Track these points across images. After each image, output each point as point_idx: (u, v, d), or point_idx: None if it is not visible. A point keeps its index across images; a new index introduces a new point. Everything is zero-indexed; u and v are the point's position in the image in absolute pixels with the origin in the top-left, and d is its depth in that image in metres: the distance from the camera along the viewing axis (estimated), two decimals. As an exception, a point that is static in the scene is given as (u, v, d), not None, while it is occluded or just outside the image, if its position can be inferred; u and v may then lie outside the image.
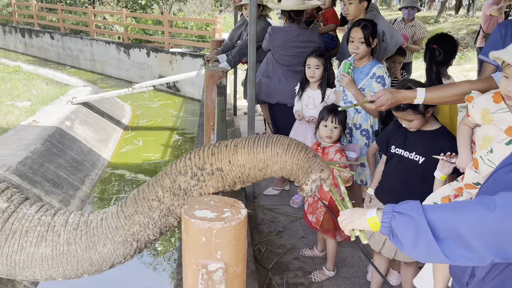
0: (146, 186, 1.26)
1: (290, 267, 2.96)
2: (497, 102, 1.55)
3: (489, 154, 1.54)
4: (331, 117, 2.67)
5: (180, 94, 11.53)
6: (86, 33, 14.89)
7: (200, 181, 1.23)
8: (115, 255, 1.22)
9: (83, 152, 7.00)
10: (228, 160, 1.23)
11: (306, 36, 3.70)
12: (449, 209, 1.03)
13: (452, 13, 19.40)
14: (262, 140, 1.24)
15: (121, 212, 1.24)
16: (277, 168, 1.25)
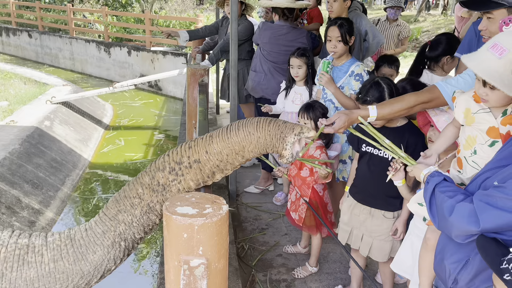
0: (127, 186, 1.28)
1: (273, 264, 2.98)
2: (478, 101, 1.55)
3: (473, 155, 1.55)
4: (301, 113, 2.73)
5: (162, 93, 11.44)
6: (65, 31, 14.62)
7: (178, 175, 1.25)
8: (106, 259, 1.22)
9: (63, 152, 6.89)
10: (204, 151, 1.25)
11: (295, 36, 3.73)
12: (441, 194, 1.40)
13: (430, 12, 19.75)
14: (233, 125, 1.28)
15: (104, 216, 1.25)
16: (253, 146, 1.27)
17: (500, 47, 1.36)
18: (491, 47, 1.38)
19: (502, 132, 1.48)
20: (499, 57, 1.35)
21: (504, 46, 1.35)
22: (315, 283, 2.79)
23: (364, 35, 3.68)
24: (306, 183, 2.73)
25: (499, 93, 1.41)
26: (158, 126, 9.22)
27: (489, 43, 1.42)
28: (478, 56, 1.43)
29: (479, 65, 1.40)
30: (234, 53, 3.25)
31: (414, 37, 13.61)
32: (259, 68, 3.85)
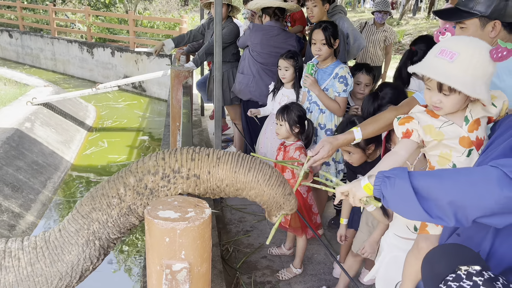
0: (106, 183, 1.23)
1: (258, 266, 2.98)
2: (435, 116, 1.53)
3: None
4: (278, 115, 2.75)
5: (146, 94, 11.35)
6: (46, 31, 14.39)
7: (170, 183, 1.22)
8: (82, 259, 1.19)
9: (45, 154, 6.77)
10: (207, 171, 1.23)
11: (285, 38, 3.75)
12: (432, 175, 1.18)
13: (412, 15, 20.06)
14: (245, 161, 1.26)
15: (77, 213, 1.21)
16: (254, 193, 1.29)
17: (448, 51, 1.38)
18: (439, 53, 1.40)
19: (473, 139, 1.48)
20: (450, 61, 1.37)
21: (453, 50, 1.38)
22: (299, 284, 2.80)
23: (346, 37, 3.72)
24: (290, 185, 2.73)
25: (454, 98, 1.42)
26: (142, 128, 9.14)
27: (435, 51, 1.43)
28: (428, 63, 1.43)
29: (433, 71, 1.40)
30: (218, 55, 3.24)
31: (397, 40, 13.81)
32: (247, 70, 3.85)
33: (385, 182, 1.24)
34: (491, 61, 1.37)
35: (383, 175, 1.25)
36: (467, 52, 1.36)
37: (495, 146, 1.39)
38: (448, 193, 1.13)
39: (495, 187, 1.07)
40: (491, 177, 1.08)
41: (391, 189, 1.21)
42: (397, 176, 1.20)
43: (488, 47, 1.38)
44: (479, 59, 1.36)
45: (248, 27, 3.84)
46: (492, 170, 1.10)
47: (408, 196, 1.16)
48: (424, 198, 1.15)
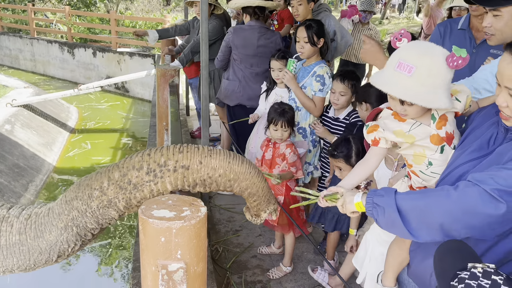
0: (94, 174, 1.23)
1: (248, 265, 2.96)
2: (402, 120, 1.55)
3: (429, 167, 1.56)
4: (281, 121, 2.68)
5: (129, 95, 11.20)
6: (26, 31, 14.07)
7: (157, 177, 1.20)
8: (60, 241, 1.22)
9: (26, 157, 6.62)
10: (199, 160, 1.22)
11: (268, 37, 3.72)
12: (418, 200, 1.28)
13: (394, 14, 20.30)
14: (238, 155, 1.28)
15: (63, 197, 1.23)
16: (245, 185, 1.29)
17: (406, 65, 1.38)
18: (398, 67, 1.41)
19: (442, 136, 1.51)
20: (408, 75, 1.38)
21: (410, 63, 1.38)
22: (290, 283, 2.79)
23: (332, 35, 3.72)
24: (273, 187, 2.71)
25: (417, 106, 1.44)
26: (125, 129, 9.03)
27: (393, 63, 1.44)
28: (388, 78, 1.45)
29: (393, 88, 1.42)
30: (204, 53, 3.20)
31: (381, 39, 13.93)
32: (232, 76, 3.80)
33: (376, 209, 1.33)
34: (449, 69, 1.38)
35: (373, 202, 1.34)
36: (424, 65, 1.38)
37: (472, 139, 1.42)
38: (435, 218, 1.21)
39: (479, 209, 1.15)
40: (474, 200, 1.16)
41: (382, 217, 1.31)
42: (386, 206, 1.30)
43: (444, 55, 1.39)
44: (437, 70, 1.38)
45: (229, 31, 3.77)
46: (473, 191, 1.17)
47: (398, 226, 1.28)
48: (411, 224, 1.26)
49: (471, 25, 2.56)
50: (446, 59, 1.37)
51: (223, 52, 3.84)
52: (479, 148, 1.35)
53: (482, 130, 1.40)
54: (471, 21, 2.56)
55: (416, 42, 1.51)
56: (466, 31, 2.56)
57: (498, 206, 1.12)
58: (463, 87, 1.54)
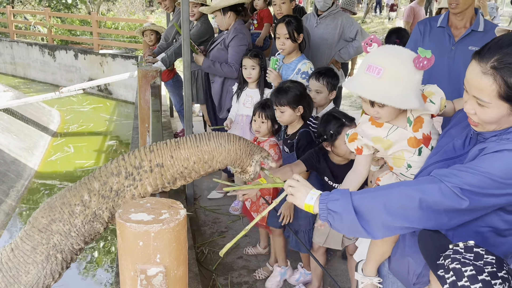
0: (67, 191, 1.17)
1: (234, 266, 2.94)
2: (379, 126, 1.58)
3: (409, 169, 1.59)
4: (258, 112, 2.68)
5: (112, 97, 11.06)
6: (5, 34, 13.78)
7: (136, 180, 1.19)
8: (43, 276, 1.12)
9: (6, 162, 6.48)
10: (170, 155, 1.21)
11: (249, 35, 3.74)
12: (377, 197, 1.25)
13: (377, 14, 20.51)
14: (203, 135, 1.29)
15: (32, 228, 1.12)
16: (222, 157, 1.30)
17: (375, 67, 1.42)
18: (367, 70, 1.44)
19: (419, 138, 1.54)
20: (377, 77, 1.41)
21: (379, 65, 1.41)
22: (276, 283, 2.78)
23: (354, 35, 3.77)
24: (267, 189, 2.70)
25: (389, 108, 1.47)
26: (109, 131, 8.91)
27: (363, 66, 1.47)
28: (358, 81, 1.48)
29: (363, 89, 1.45)
30: (186, 53, 3.18)
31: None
32: None
33: (331, 215, 1.27)
34: (416, 70, 1.41)
35: (327, 208, 1.27)
36: (392, 66, 1.41)
37: (446, 140, 1.44)
38: (394, 212, 1.21)
39: (439, 201, 1.16)
40: (435, 193, 1.17)
41: (339, 222, 1.26)
42: (343, 211, 1.25)
43: (412, 57, 1.42)
44: (405, 70, 1.41)
45: (239, 34, 3.55)
46: (434, 186, 1.18)
47: (355, 227, 1.24)
48: (369, 224, 1.24)
49: (450, 23, 2.60)
50: (413, 60, 1.40)
51: (241, 59, 3.45)
52: (452, 149, 1.37)
53: (457, 131, 1.42)
54: (450, 18, 2.59)
55: (385, 46, 1.53)
56: (445, 28, 2.60)
57: (460, 202, 1.15)
58: (436, 89, 1.56)
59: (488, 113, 1.19)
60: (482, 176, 1.15)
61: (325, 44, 3.85)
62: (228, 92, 3.70)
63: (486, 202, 1.16)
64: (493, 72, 1.15)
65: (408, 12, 6.78)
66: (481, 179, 1.15)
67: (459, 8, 2.46)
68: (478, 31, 2.51)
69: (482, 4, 5.49)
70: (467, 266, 0.98)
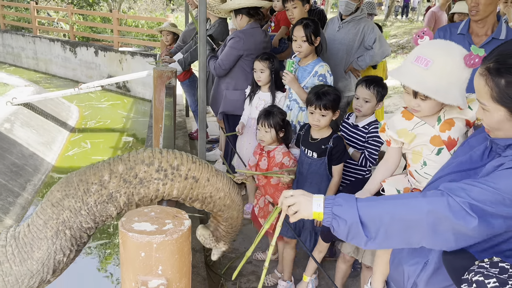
0: (87, 169, 1.15)
1: (243, 271, 2.91)
2: (409, 119, 1.59)
3: (423, 167, 1.58)
4: (262, 121, 2.61)
5: (131, 94, 11.17)
6: (28, 30, 14.07)
7: (167, 177, 1.17)
8: (53, 252, 1.11)
9: (25, 156, 6.59)
10: (207, 177, 1.23)
11: (268, 37, 3.69)
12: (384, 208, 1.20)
13: (398, 17, 20.23)
14: (235, 185, 1.37)
15: (46, 202, 1.12)
16: (232, 215, 1.38)
17: (424, 58, 1.42)
18: (415, 60, 1.44)
19: (444, 139, 1.53)
20: (425, 68, 1.41)
21: (428, 57, 1.41)
22: (285, 290, 2.74)
23: (371, 42, 3.70)
24: (279, 189, 2.62)
25: (431, 102, 1.48)
26: (126, 128, 8.99)
27: (411, 57, 1.47)
28: (405, 70, 1.48)
29: (408, 79, 1.45)
30: (202, 55, 3.16)
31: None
32: (241, 85, 3.62)
33: (336, 220, 1.23)
34: (466, 67, 1.40)
35: (332, 212, 1.23)
36: (441, 59, 1.41)
37: (466, 149, 1.40)
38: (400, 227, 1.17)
39: (447, 219, 1.10)
40: (442, 210, 1.11)
41: (344, 227, 1.22)
42: (348, 217, 1.21)
43: (462, 54, 1.41)
44: (453, 66, 1.40)
45: (237, 36, 3.55)
46: (442, 200, 1.12)
47: (358, 236, 1.21)
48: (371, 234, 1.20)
49: (471, 30, 2.52)
50: (464, 57, 1.39)
51: (230, 60, 3.58)
52: (468, 160, 1.33)
53: (477, 141, 1.38)
54: (471, 26, 2.52)
55: (437, 39, 1.54)
56: (465, 36, 2.52)
57: (468, 220, 1.09)
58: None
59: (490, 117, 1.18)
60: (493, 194, 1.08)
61: (344, 50, 3.79)
62: (219, 94, 3.69)
63: (495, 224, 1.09)
64: (486, 73, 1.14)
65: (430, 17, 6.63)
66: (492, 197, 1.08)
67: (479, 15, 2.38)
68: (500, 39, 2.43)
69: (508, 11, 5.32)
70: (490, 278, 0.97)
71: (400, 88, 8.90)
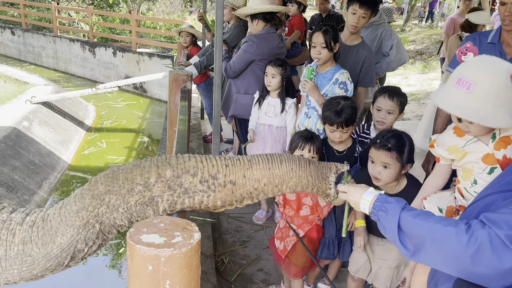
0: (135, 168, 1.12)
1: (253, 279, 2.87)
2: (461, 135, 1.52)
3: (473, 185, 1.50)
4: (308, 146, 2.33)
5: (147, 95, 11.27)
6: (49, 29, 14.33)
7: (210, 189, 1.16)
8: (76, 240, 1.10)
9: (42, 154, 6.68)
10: (242, 174, 1.19)
11: (284, 43, 3.67)
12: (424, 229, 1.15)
13: (417, 22, 19.98)
14: (275, 157, 1.26)
15: (88, 191, 1.10)
16: (293, 183, 1.27)
17: (465, 81, 1.33)
18: (457, 83, 1.35)
19: (498, 158, 1.43)
20: (467, 92, 1.32)
21: (469, 79, 1.32)
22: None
23: (388, 49, 3.64)
24: (308, 221, 2.39)
25: (479, 124, 1.37)
26: (141, 129, 9.05)
27: (453, 79, 1.38)
28: (446, 94, 1.40)
29: (450, 104, 1.37)
30: (218, 59, 3.14)
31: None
32: (252, 89, 3.58)
33: (380, 212, 1.26)
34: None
35: (380, 209, 1.26)
36: (484, 81, 1.30)
37: None
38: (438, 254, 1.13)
39: (487, 256, 1.02)
40: (483, 245, 1.03)
41: (386, 223, 1.24)
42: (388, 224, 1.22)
43: (509, 72, 1.30)
44: (499, 87, 1.29)
45: (251, 40, 3.52)
46: (484, 234, 1.03)
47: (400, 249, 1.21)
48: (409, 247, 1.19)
49: (502, 39, 2.42)
50: (510, 76, 1.29)
51: (241, 64, 3.57)
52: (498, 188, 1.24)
53: None
54: (502, 35, 2.42)
55: (480, 57, 1.45)
56: (496, 45, 2.42)
57: (509, 255, 1.00)
58: None
59: None
60: None
61: None
62: (230, 97, 3.69)
63: None
64: None
65: (448, 23, 6.50)
66: None
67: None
68: None
69: None
70: None
71: (418, 95, 8.76)
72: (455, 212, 1.57)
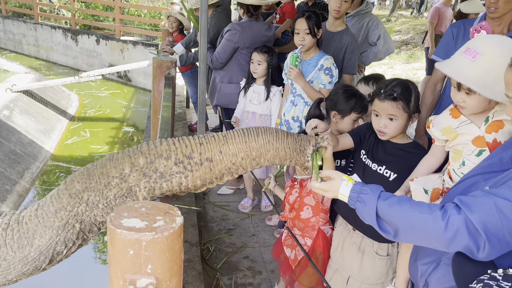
0: (108, 162, 1.11)
1: (239, 266, 2.87)
2: (456, 117, 1.53)
3: (461, 167, 1.51)
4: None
5: (131, 84, 11.10)
6: (29, 16, 13.96)
7: (187, 169, 1.15)
8: (55, 242, 1.07)
9: (23, 143, 6.54)
10: (218, 150, 1.18)
11: (271, 31, 3.63)
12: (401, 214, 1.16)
13: (403, 12, 20.07)
14: (251, 130, 1.25)
15: (64, 191, 1.08)
16: (271, 155, 1.26)
17: (473, 50, 1.36)
18: (464, 52, 1.39)
19: (488, 141, 1.44)
20: (472, 60, 1.36)
21: (477, 49, 1.35)
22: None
23: (376, 39, 3.62)
24: (310, 226, 2.18)
25: (476, 98, 1.40)
26: (126, 118, 8.93)
27: (462, 48, 1.42)
28: (452, 61, 1.44)
29: (453, 69, 1.40)
30: (203, 46, 3.11)
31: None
32: (236, 78, 3.58)
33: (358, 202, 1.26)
34: None
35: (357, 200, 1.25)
36: (491, 53, 1.34)
37: (500, 150, 1.31)
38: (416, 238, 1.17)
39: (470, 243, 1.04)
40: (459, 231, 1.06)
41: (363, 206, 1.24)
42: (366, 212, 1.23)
43: None
44: (503, 61, 1.27)
45: (234, 29, 3.47)
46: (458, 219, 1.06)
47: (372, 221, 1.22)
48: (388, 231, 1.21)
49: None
50: None
51: (226, 53, 3.52)
52: (498, 161, 1.24)
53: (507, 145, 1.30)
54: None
55: (493, 34, 1.51)
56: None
57: (478, 238, 1.03)
58: None
59: None
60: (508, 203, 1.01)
61: None
62: (215, 87, 3.66)
63: None
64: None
65: (433, 12, 6.53)
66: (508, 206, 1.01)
67: (498, 13, 2.29)
68: None
69: None
70: None
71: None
72: (441, 194, 1.58)
